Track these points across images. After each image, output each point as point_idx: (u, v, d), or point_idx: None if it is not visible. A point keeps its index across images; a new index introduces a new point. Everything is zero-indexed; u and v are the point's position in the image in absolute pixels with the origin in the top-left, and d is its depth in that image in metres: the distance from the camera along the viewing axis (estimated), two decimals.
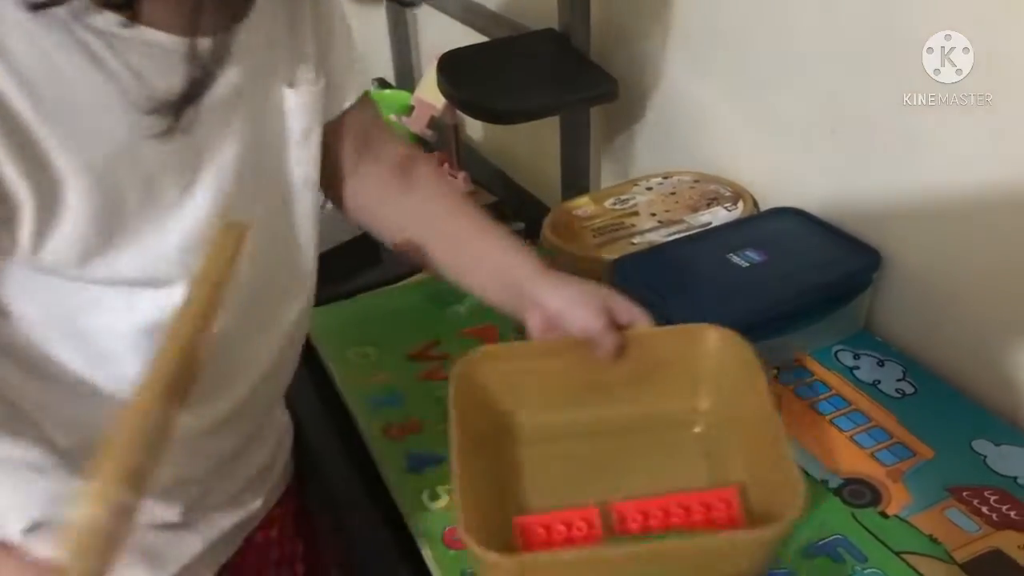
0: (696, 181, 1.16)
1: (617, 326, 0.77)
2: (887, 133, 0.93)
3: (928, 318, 0.95)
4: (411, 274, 1.19)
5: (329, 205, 0.87)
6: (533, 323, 0.78)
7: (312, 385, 1.01)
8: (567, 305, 0.77)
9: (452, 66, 1.22)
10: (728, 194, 1.12)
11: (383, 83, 1.87)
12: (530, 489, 0.77)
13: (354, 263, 1.32)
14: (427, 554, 0.78)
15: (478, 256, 0.82)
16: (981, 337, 0.91)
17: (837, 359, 0.95)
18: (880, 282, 0.98)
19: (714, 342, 0.79)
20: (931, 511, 0.77)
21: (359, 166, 0.82)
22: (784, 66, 1.03)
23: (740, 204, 1.09)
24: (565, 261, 1.05)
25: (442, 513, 0.80)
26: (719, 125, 1.17)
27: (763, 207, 1.12)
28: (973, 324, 0.91)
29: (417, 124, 1.40)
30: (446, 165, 1.49)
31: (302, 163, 0.71)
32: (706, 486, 0.74)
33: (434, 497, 0.82)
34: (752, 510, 0.71)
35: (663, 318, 0.88)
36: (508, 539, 0.71)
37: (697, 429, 0.81)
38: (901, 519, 0.76)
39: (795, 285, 0.93)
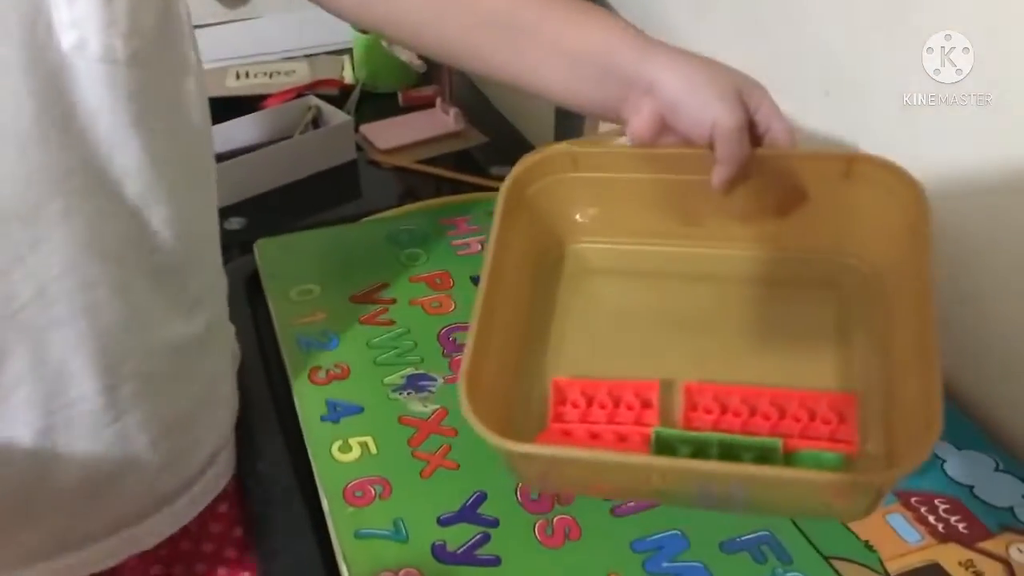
0: None
1: (750, 133, 0.59)
2: (884, 129, 0.84)
3: None
4: (387, 208, 1.13)
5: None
6: (640, 120, 0.60)
7: (254, 322, 0.97)
8: (689, 90, 0.58)
9: None
10: None
11: None
12: (585, 345, 0.63)
13: (332, 193, 1.28)
14: (326, 507, 0.73)
15: (550, 39, 0.62)
16: (959, 334, 0.83)
17: None
18: None
19: (875, 175, 0.61)
20: (872, 514, 0.70)
21: None
22: (783, 20, 0.95)
23: None
24: None
25: (350, 466, 0.76)
26: None
27: None
28: (954, 323, 0.83)
29: (407, 52, 1.33)
30: (439, 100, 1.42)
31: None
32: (829, 380, 0.58)
33: (345, 449, 0.77)
34: (873, 427, 0.55)
35: None
36: (539, 404, 0.60)
37: (833, 296, 0.62)
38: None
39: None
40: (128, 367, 0.66)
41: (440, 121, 1.40)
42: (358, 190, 1.32)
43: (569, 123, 1.26)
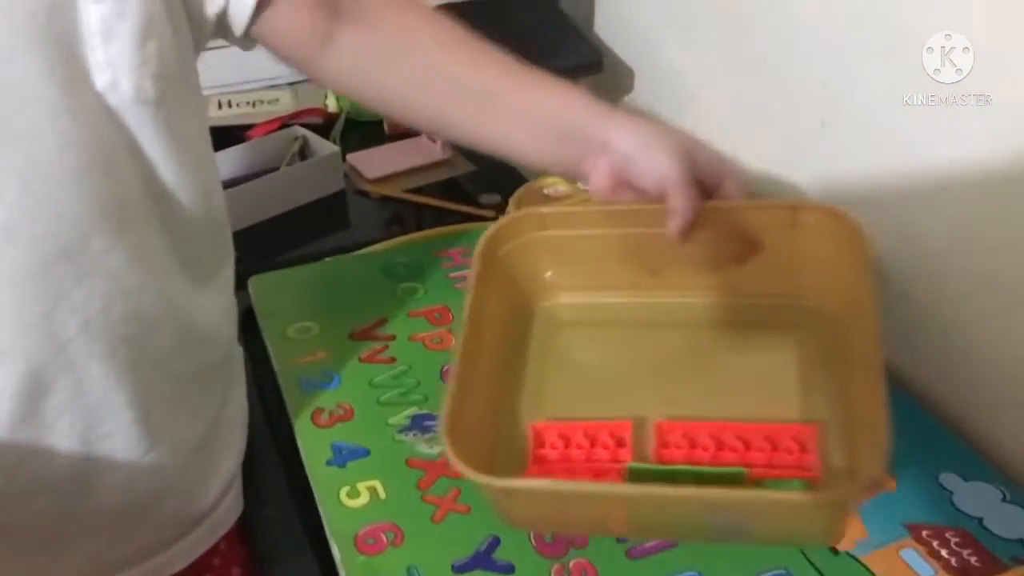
0: None
1: (701, 188, 0.63)
2: (881, 127, 0.85)
3: (907, 334, 0.88)
4: (378, 240, 1.13)
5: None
6: (598, 175, 0.65)
7: (251, 360, 0.95)
8: (641, 146, 0.63)
9: None
10: None
11: None
12: (560, 391, 0.66)
13: (321, 224, 1.27)
14: (337, 556, 0.72)
15: (518, 106, 0.68)
16: (963, 359, 0.84)
17: None
18: None
19: (820, 222, 0.66)
20: (886, 549, 0.71)
21: (332, 33, 0.68)
22: (778, 47, 0.96)
23: None
24: None
25: (359, 512, 0.75)
26: (705, 106, 1.09)
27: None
28: (956, 345, 0.84)
29: None
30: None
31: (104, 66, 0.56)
32: (791, 413, 0.61)
33: (353, 494, 0.76)
34: (834, 456, 0.58)
35: None
36: (520, 448, 0.64)
37: (791, 337, 0.66)
38: (852, 556, 0.70)
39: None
40: (159, 394, 0.67)
41: (427, 149, 1.40)
42: (347, 220, 1.31)
43: None
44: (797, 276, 0.68)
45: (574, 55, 1.11)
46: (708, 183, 0.65)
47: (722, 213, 0.65)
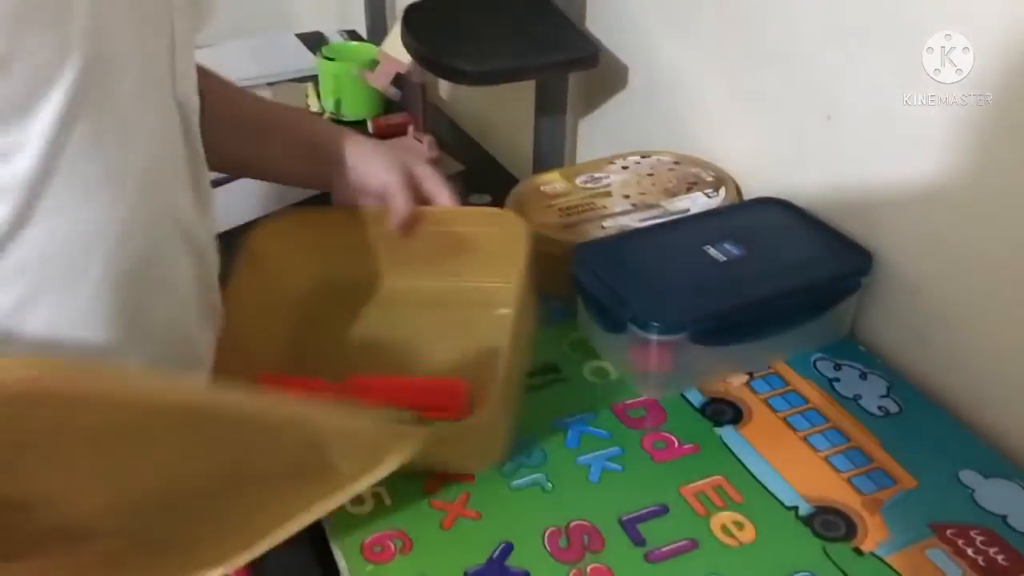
0: (676, 163, 1.06)
1: (419, 196, 0.83)
2: (887, 122, 0.84)
3: (919, 329, 0.87)
4: None
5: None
6: (337, 188, 0.83)
7: None
8: (363, 159, 0.81)
9: (419, 19, 1.11)
10: (710, 179, 1.02)
11: (354, 35, 1.76)
12: (313, 354, 0.83)
13: None
14: (342, 566, 0.69)
15: (277, 134, 0.84)
16: (975, 354, 0.82)
17: (816, 368, 0.86)
18: (869, 286, 0.89)
19: (502, 223, 0.86)
20: (910, 550, 0.69)
21: None
22: (778, 40, 0.94)
23: (722, 191, 1.00)
24: None
25: (364, 519, 0.71)
26: (706, 102, 1.07)
27: (747, 196, 1.02)
28: (967, 339, 0.83)
29: (380, 80, 1.29)
30: (411, 127, 1.39)
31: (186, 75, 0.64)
32: (469, 372, 0.78)
33: (356, 501, 0.72)
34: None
35: (624, 311, 0.80)
36: None
37: (492, 312, 0.86)
38: (877, 557, 0.68)
39: (776, 285, 0.83)
40: None
41: (414, 149, 1.36)
42: None
43: (549, 147, 1.24)
44: (498, 264, 0.84)
45: (569, 49, 1.08)
46: (425, 194, 0.84)
47: (437, 215, 0.85)
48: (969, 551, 0.68)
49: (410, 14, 1.12)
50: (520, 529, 0.70)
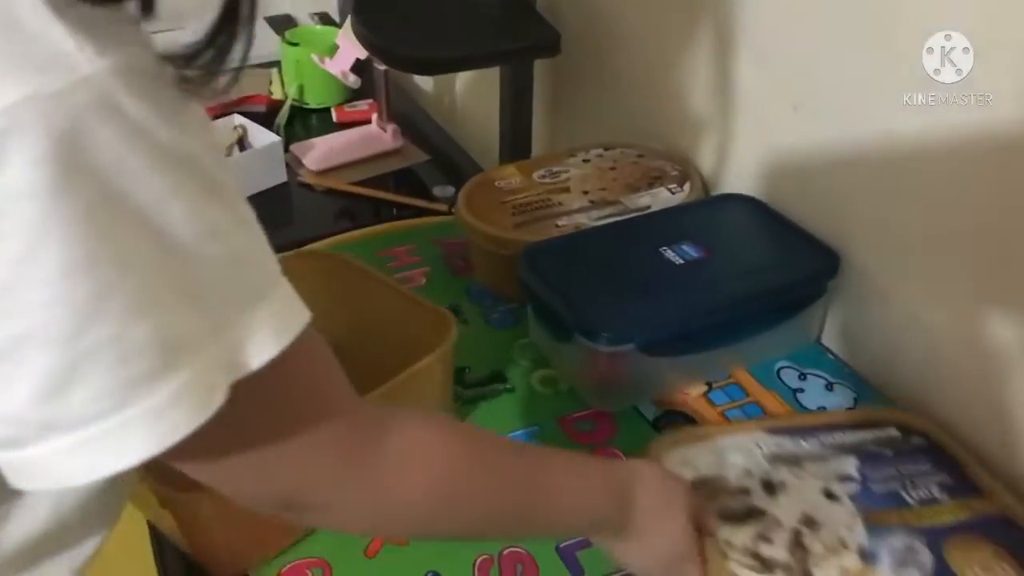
0: (640, 156, 1.01)
1: None
2: (860, 117, 0.78)
3: (888, 336, 0.81)
4: (323, 237, 1.04)
5: None
6: None
7: None
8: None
9: (372, 4, 1.05)
10: (674, 174, 0.97)
11: (325, 18, 1.70)
12: None
13: (261, 220, 1.17)
14: None
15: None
16: (947, 365, 0.77)
17: (779, 378, 0.81)
18: (837, 289, 0.83)
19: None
20: None
21: None
22: (751, 29, 0.88)
23: (687, 187, 0.94)
24: (477, 241, 0.90)
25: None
26: (672, 93, 1.01)
27: (715, 191, 0.97)
28: (939, 349, 0.77)
29: (339, 67, 1.24)
30: (375, 116, 1.33)
31: None
32: None
33: None
34: None
35: (571, 319, 0.75)
36: None
37: None
38: None
39: (735, 290, 0.78)
40: None
41: (377, 139, 1.31)
42: (289, 215, 1.22)
43: (515, 138, 1.18)
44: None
45: (528, 36, 1.03)
46: None
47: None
48: None
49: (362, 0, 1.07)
50: (449, 558, 0.65)
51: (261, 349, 0.37)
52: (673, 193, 0.94)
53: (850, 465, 0.70)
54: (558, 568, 0.65)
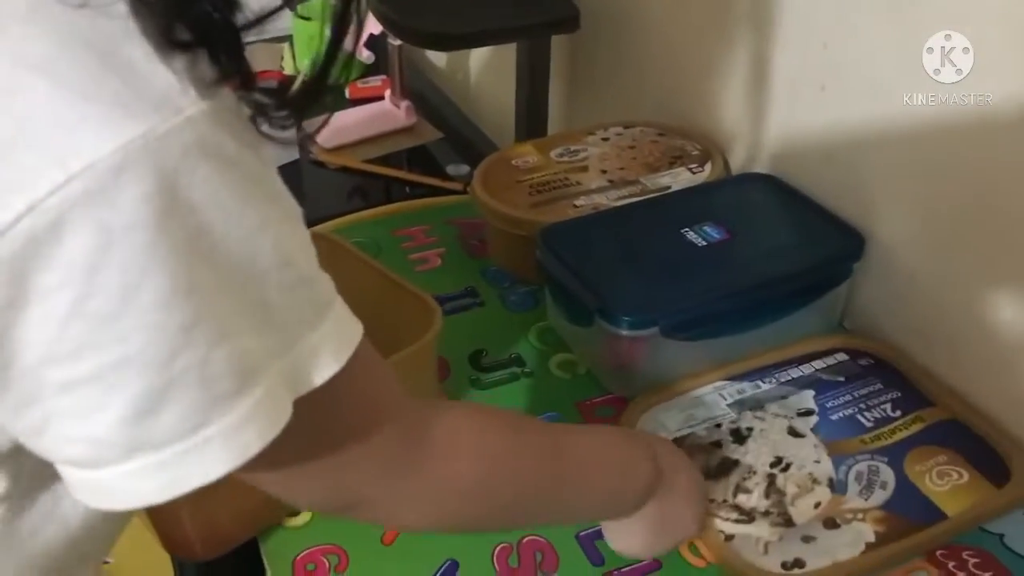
0: (661, 134, 0.99)
1: None
2: (886, 94, 0.76)
3: (915, 319, 0.79)
4: (335, 216, 1.02)
5: None
6: None
7: None
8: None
9: None
10: (695, 153, 0.95)
11: None
12: None
13: None
14: None
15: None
16: (975, 348, 0.75)
17: None
18: (862, 272, 0.81)
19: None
20: (895, 573, 0.62)
21: None
22: (770, 3, 0.86)
23: (708, 166, 0.92)
24: (493, 222, 0.88)
25: (298, 532, 0.65)
26: (693, 69, 0.99)
27: (736, 172, 0.95)
28: (967, 331, 0.76)
29: (351, 41, 1.22)
30: (388, 92, 1.31)
31: None
32: None
33: (291, 512, 0.67)
34: None
35: (591, 302, 0.73)
36: None
37: None
38: None
39: (758, 273, 0.77)
40: None
41: (390, 115, 1.29)
42: (300, 194, 1.20)
43: (531, 115, 1.16)
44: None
45: (549, 10, 1.00)
46: None
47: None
48: (960, 575, 0.62)
49: None
50: (467, 545, 0.64)
51: (323, 365, 0.39)
52: (694, 173, 0.92)
53: (808, 399, 0.75)
54: (577, 555, 0.64)
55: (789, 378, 0.76)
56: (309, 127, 1.21)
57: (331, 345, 0.40)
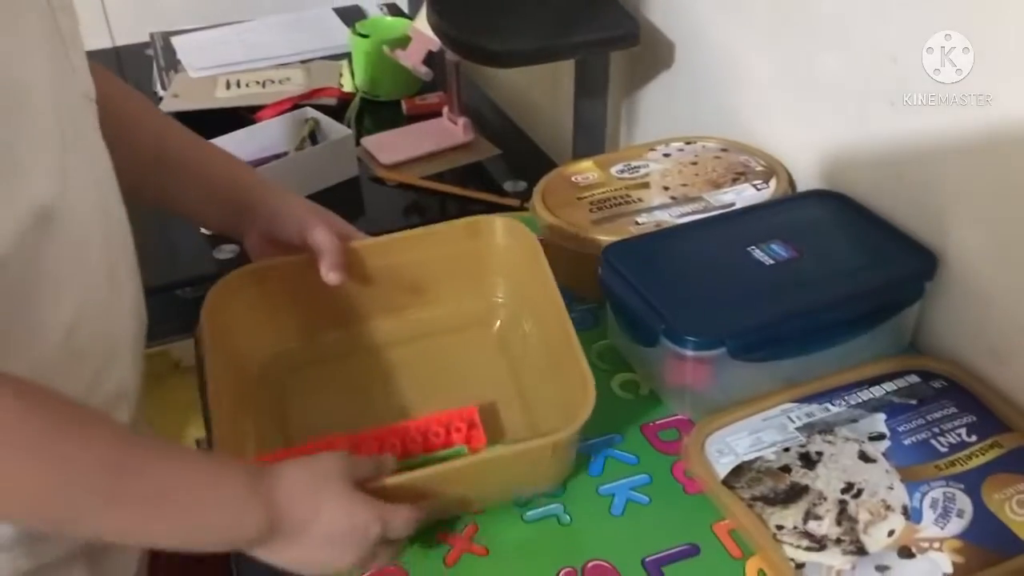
0: (724, 150, 0.97)
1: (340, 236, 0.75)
2: (958, 109, 0.74)
3: (990, 339, 0.77)
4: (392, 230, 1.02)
5: None
6: (250, 239, 0.77)
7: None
8: (283, 204, 0.76)
9: None
10: (759, 169, 0.93)
11: (394, 9, 1.69)
12: (301, 423, 0.75)
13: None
14: None
15: (194, 175, 0.78)
16: None
17: None
18: (934, 293, 0.79)
19: (493, 230, 0.80)
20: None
21: None
22: (835, 15, 0.84)
23: (773, 182, 0.91)
24: (552, 239, 0.88)
25: None
26: (755, 84, 0.98)
27: (801, 188, 0.93)
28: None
29: (411, 59, 1.22)
30: (445, 108, 1.31)
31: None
32: (509, 389, 0.76)
33: None
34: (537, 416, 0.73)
35: (656, 321, 0.72)
36: None
37: (495, 326, 0.82)
38: None
39: (827, 292, 0.75)
40: None
41: (447, 132, 1.30)
42: (361, 209, 1.21)
43: (589, 131, 1.15)
44: (486, 278, 0.82)
45: (607, 27, 1.00)
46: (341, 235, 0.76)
47: (399, 242, 0.79)
48: None
49: None
50: (531, 569, 0.63)
51: None
52: (758, 189, 0.90)
53: (879, 422, 0.72)
54: None
55: (859, 400, 0.74)
56: (368, 144, 1.24)
57: None
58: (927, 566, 0.62)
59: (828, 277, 0.76)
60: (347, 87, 1.43)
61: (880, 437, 0.71)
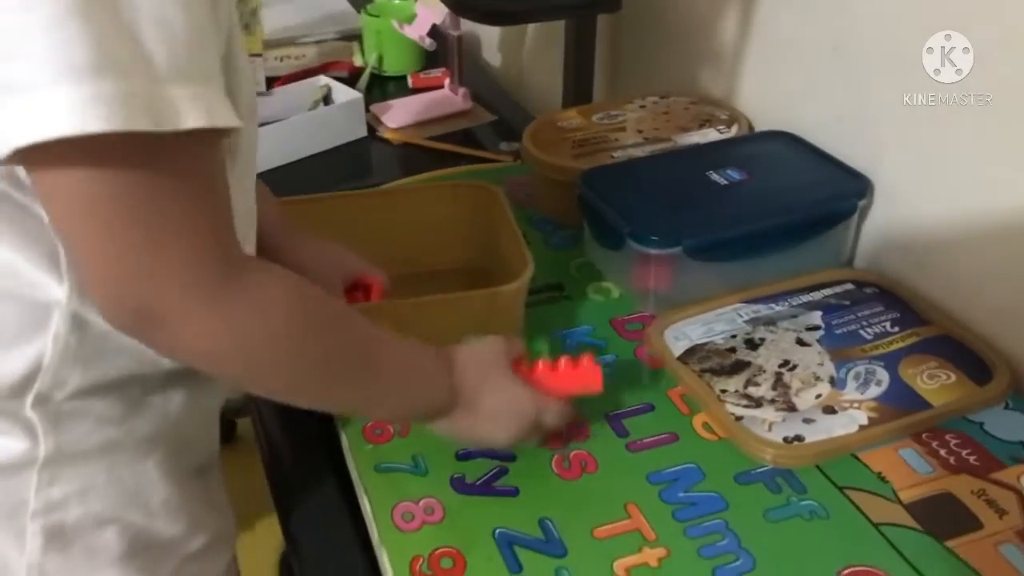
0: (693, 103, 1.10)
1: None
2: (891, 51, 0.86)
3: (917, 257, 0.88)
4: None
5: None
6: None
7: None
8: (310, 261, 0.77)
9: None
10: (724, 117, 1.05)
11: None
12: None
13: (340, 169, 1.28)
14: (345, 444, 0.74)
15: None
16: (971, 284, 0.84)
17: None
18: (869, 213, 0.91)
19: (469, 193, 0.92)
20: (884, 449, 0.71)
21: None
22: None
23: (734, 128, 1.03)
24: (539, 171, 0.99)
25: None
26: (724, 45, 1.10)
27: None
28: (966, 262, 0.84)
29: (417, 31, 1.34)
30: (447, 80, 1.44)
31: None
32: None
33: None
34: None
35: (623, 226, 0.83)
36: None
37: (480, 282, 0.84)
38: (851, 454, 0.71)
39: (773, 205, 0.87)
40: None
41: (449, 100, 1.42)
42: (368, 165, 1.33)
43: (576, 92, 1.27)
44: (470, 237, 0.91)
45: None
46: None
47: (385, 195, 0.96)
48: (942, 452, 0.71)
49: None
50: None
51: (188, 116, 0.42)
52: (721, 133, 1.02)
53: (816, 317, 0.84)
54: (605, 430, 0.74)
55: (800, 302, 0.86)
56: (376, 110, 1.32)
57: (202, 106, 0.43)
58: (846, 420, 0.73)
59: (774, 193, 0.88)
60: (357, 63, 1.55)
61: (815, 328, 0.82)
